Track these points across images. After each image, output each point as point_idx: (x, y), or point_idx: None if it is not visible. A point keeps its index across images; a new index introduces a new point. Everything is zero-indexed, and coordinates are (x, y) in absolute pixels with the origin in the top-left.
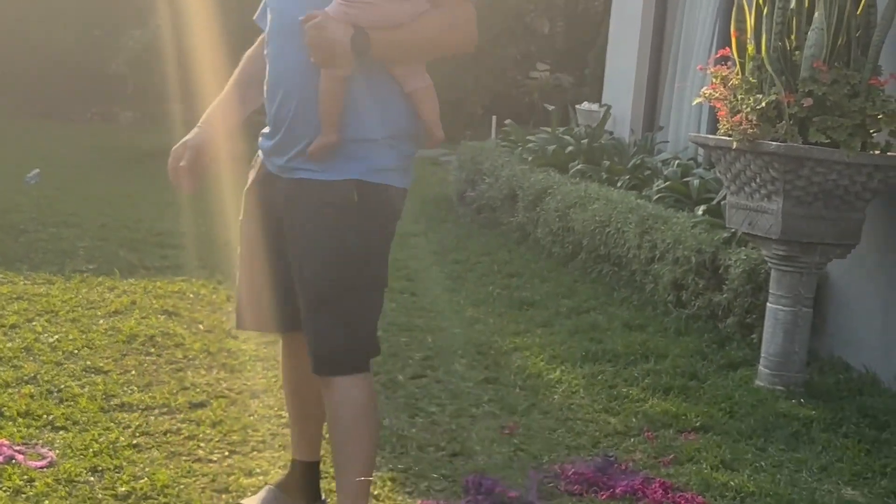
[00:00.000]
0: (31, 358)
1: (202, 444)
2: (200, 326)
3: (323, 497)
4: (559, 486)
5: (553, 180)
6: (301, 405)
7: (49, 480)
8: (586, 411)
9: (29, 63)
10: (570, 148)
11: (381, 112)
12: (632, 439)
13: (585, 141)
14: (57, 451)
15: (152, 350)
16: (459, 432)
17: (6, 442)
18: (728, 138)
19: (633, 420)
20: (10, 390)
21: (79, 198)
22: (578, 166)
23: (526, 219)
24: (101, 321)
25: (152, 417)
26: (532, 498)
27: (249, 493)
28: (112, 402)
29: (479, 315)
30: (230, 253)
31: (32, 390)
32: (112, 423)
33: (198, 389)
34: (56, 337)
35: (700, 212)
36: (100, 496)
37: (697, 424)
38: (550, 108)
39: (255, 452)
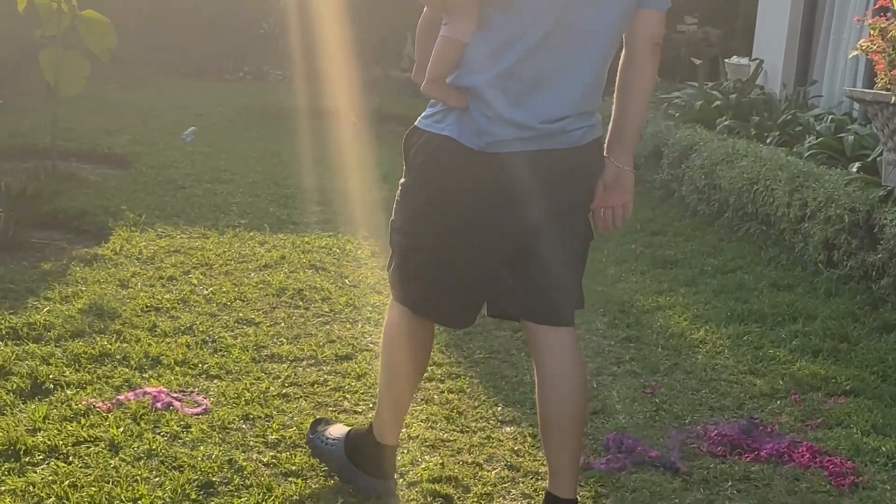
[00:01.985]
0: (188, 309)
1: (348, 396)
2: (346, 281)
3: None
4: (702, 448)
5: (699, 137)
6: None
7: (204, 427)
8: (731, 372)
9: (185, 22)
10: (717, 103)
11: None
12: (778, 402)
13: (734, 96)
14: (211, 399)
15: (300, 303)
16: (600, 390)
17: (164, 389)
18: (886, 93)
19: (780, 382)
20: (167, 339)
21: (231, 155)
22: (726, 122)
23: (670, 176)
24: (253, 274)
25: (300, 369)
26: (674, 458)
27: None
28: (263, 353)
29: (622, 273)
30: (374, 210)
31: (189, 340)
32: (263, 374)
33: (344, 342)
34: (210, 289)
35: (854, 169)
36: (251, 443)
37: (847, 388)
38: (697, 62)
39: None
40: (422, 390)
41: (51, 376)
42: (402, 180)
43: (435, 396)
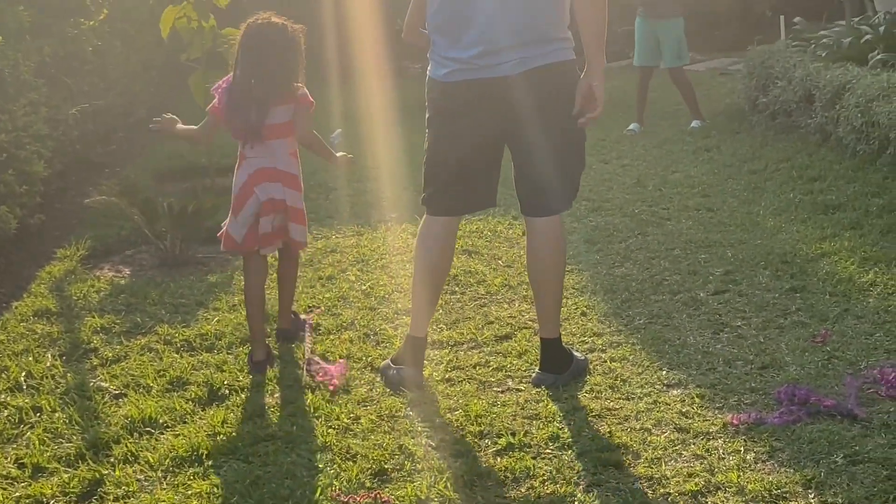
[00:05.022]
0: (348, 305)
1: (511, 375)
2: (500, 262)
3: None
4: (880, 392)
5: (852, 74)
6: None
7: (373, 417)
8: None
9: (317, 28)
10: (867, 38)
11: (427, 9)
12: None
13: (883, 28)
14: (377, 390)
15: (457, 288)
16: (768, 344)
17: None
18: None
19: None
20: (331, 337)
21: (378, 152)
22: (878, 56)
23: (825, 119)
24: (408, 266)
25: (461, 352)
26: (851, 405)
27: (558, 419)
28: None
29: (781, 224)
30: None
31: (351, 335)
32: (425, 360)
33: (502, 323)
34: (368, 284)
35: None
36: (419, 429)
37: None
38: None
39: None
40: None
41: (225, 382)
42: None
43: (598, 366)
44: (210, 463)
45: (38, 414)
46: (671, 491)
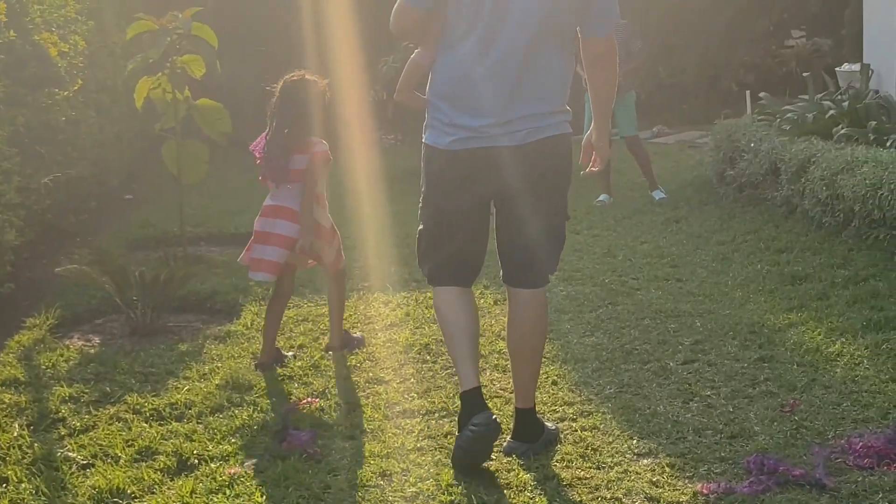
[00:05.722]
0: (319, 374)
1: None
2: None
3: None
4: (847, 461)
5: (816, 148)
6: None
7: (343, 486)
8: (872, 382)
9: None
10: (831, 112)
11: (432, 76)
12: None
13: (847, 103)
14: (348, 459)
15: (428, 357)
16: (737, 414)
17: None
18: None
19: None
20: (301, 405)
21: (352, 221)
22: (842, 130)
23: (791, 191)
24: (380, 334)
25: (433, 421)
26: (819, 475)
27: (529, 488)
28: (395, 410)
29: (749, 294)
30: (494, 259)
31: (322, 404)
32: (396, 430)
33: None
34: (340, 353)
35: None
36: (390, 498)
37: None
38: (805, 74)
39: None
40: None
41: (195, 452)
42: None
43: (569, 435)
44: None
45: (4, 485)
46: None
